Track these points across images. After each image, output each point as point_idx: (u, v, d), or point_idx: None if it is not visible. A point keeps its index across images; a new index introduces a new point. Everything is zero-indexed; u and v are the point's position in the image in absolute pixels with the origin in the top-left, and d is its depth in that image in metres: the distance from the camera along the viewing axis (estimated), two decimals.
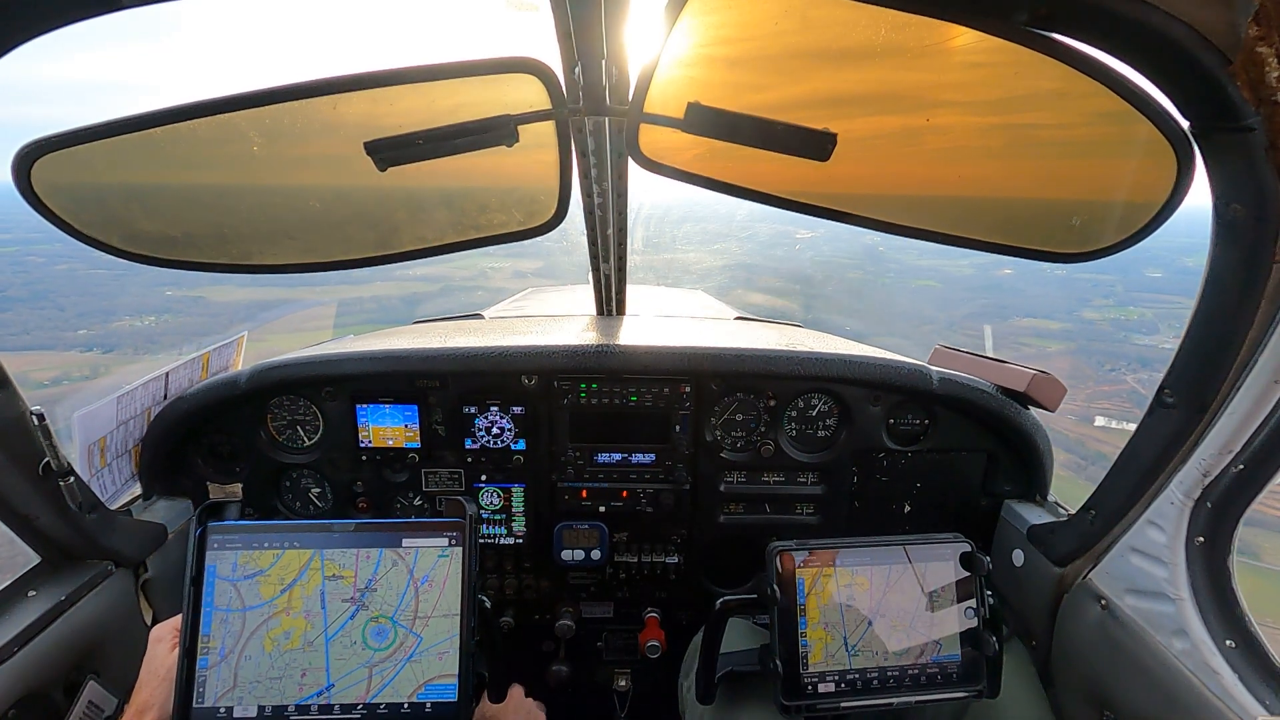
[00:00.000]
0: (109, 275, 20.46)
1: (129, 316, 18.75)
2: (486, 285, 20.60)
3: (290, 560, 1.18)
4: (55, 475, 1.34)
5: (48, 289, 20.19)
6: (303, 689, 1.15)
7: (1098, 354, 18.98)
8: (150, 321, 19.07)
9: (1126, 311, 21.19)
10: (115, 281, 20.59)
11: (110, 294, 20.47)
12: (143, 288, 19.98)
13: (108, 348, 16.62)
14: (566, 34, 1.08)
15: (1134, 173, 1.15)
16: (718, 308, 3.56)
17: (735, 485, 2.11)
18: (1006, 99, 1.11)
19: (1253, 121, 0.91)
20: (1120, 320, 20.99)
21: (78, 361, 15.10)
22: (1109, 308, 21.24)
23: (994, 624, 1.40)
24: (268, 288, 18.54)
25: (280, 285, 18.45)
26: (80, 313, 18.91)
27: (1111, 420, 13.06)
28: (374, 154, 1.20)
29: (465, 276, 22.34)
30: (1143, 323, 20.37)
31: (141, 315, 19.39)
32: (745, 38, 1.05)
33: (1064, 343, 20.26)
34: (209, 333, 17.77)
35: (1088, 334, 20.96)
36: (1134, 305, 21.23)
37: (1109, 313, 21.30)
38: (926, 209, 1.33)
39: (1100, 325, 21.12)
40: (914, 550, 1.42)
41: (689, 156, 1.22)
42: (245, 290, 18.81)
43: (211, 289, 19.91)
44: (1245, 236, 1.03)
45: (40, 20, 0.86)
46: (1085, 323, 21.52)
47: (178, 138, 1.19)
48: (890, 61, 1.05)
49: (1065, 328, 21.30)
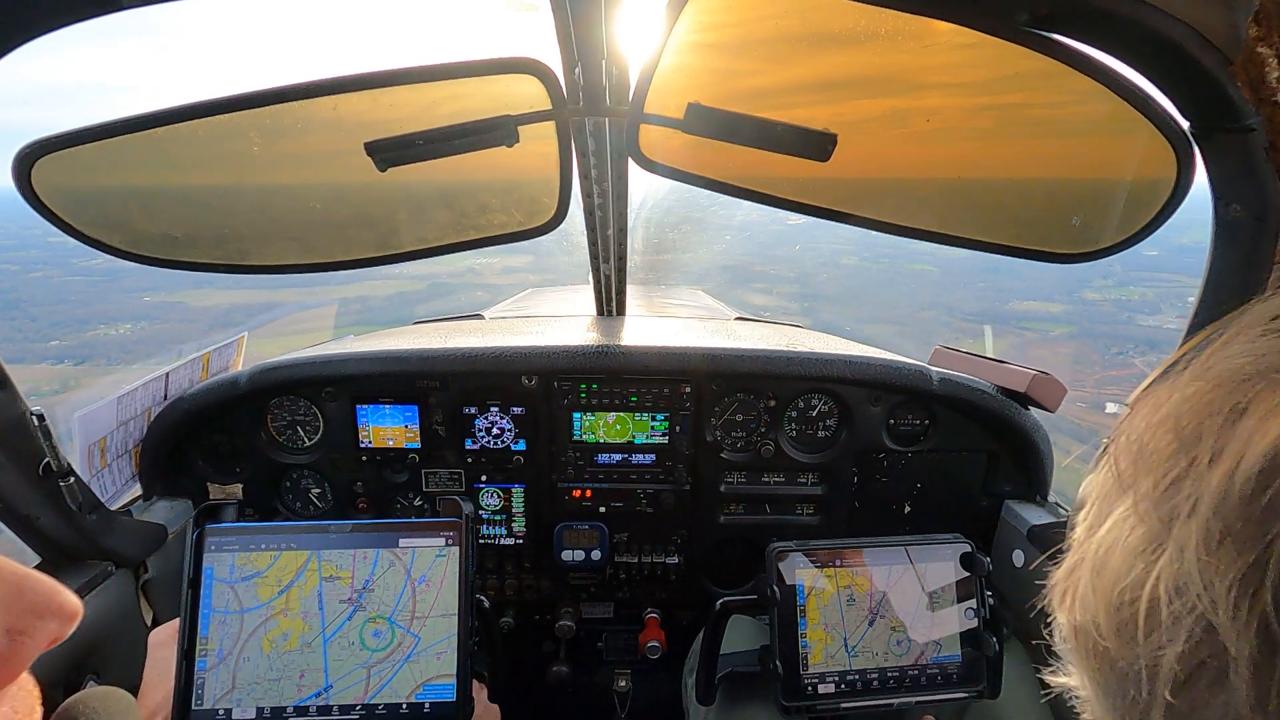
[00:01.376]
0: (86, 282, 20.05)
1: (104, 325, 18.37)
2: (475, 281, 20.36)
3: (287, 562, 1.18)
4: (55, 476, 1.34)
5: (20, 298, 19.73)
6: (301, 690, 1.15)
7: (1103, 337, 18.85)
8: (126, 330, 18.56)
9: (1127, 292, 21.05)
10: (93, 288, 20.15)
11: (86, 301, 20.03)
12: (121, 294, 19.56)
13: (80, 359, 16.32)
14: (566, 34, 1.08)
15: (1134, 173, 1.15)
16: (718, 308, 3.56)
17: (735, 485, 2.11)
18: (1006, 99, 1.11)
19: (1253, 122, 0.91)
20: (1122, 301, 20.85)
21: (47, 375, 14.79)
22: (1109, 288, 21.11)
23: (994, 624, 1.40)
24: (252, 290, 18.25)
25: (264, 288, 18.18)
26: (53, 322, 18.44)
27: (1124, 407, 13.01)
28: (374, 154, 1.20)
29: (453, 273, 22.13)
30: (1144, 302, 20.23)
31: (117, 324, 18.87)
32: (746, 38, 1.05)
33: (1067, 326, 20.13)
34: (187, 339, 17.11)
35: (1090, 316, 20.80)
36: (1134, 285, 21.08)
37: (1110, 293, 21.16)
38: (927, 209, 1.33)
39: (1102, 306, 20.96)
40: (914, 551, 1.42)
41: (689, 156, 1.22)
42: (227, 294, 18.47)
43: (192, 293, 19.50)
44: (1245, 237, 1.03)
45: (40, 21, 0.86)
46: (1087, 304, 21.34)
47: (178, 138, 1.19)
48: (893, 50, 1.04)
49: (1067, 309, 21.14)
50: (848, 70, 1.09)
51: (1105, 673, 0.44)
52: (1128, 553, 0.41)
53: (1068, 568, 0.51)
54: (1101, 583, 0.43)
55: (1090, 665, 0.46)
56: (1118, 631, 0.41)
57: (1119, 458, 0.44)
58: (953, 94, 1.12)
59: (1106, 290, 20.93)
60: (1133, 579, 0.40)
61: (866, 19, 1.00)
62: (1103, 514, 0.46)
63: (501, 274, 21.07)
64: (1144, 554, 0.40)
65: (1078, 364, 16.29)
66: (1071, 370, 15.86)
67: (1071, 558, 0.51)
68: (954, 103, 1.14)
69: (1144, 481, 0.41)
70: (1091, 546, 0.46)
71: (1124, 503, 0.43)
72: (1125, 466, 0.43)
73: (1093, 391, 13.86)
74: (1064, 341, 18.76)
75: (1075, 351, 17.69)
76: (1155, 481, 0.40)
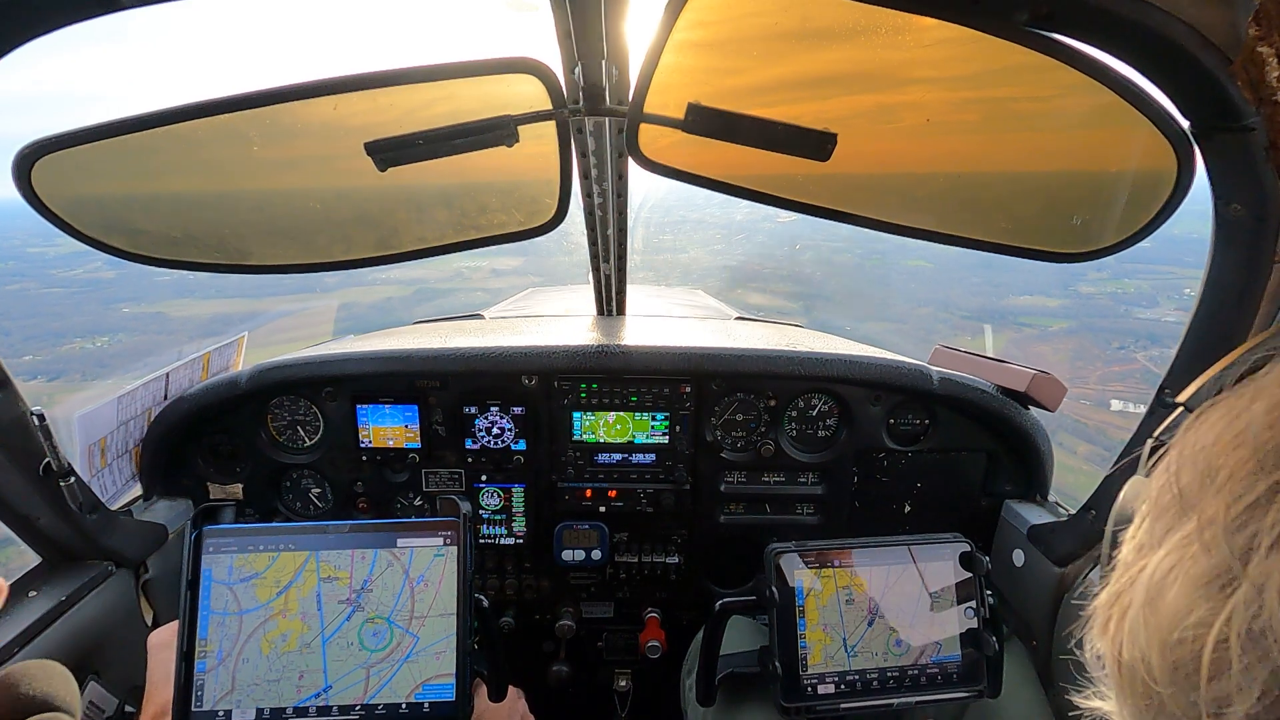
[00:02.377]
0: (64, 294, 19.53)
1: (80, 339, 17.94)
2: (464, 285, 19.98)
3: (286, 562, 1.18)
4: (56, 476, 1.34)
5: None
6: (301, 691, 1.15)
7: (1103, 331, 18.59)
8: (103, 343, 17.75)
9: (1122, 285, 20.91)
10: (70, 300, 19.62)
11: (63, 314, 19.45)
12: (99, 305, 19.03)
13: (54, 374, 15.91)
14: (566, 34, 1.08)
15: (1134, 173, 1.15)
16: (718, 308, 3.56)
17: (736, 485, 2.11)
18: (1006, 98, 1.11)
19: (1253, 121, 0.91)
20: (1118, 294, 20.68)
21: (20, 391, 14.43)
22: (1104, 281, 20.96)
23: (994, 624, 1.40)
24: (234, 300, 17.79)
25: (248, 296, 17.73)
26: (27, 336, 17.81)
27: (1129, 404, 12.60)
28: (374, 154, 1.20)
29: (441, 277, 21.79)
30: (1141, 295, 20.04)
31: (94, 336, 17.97)
32: (745, 36, 1.05)
33: (1066, 320, 19.90)
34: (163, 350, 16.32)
35: (1088, 310, 20.57)
36: (1128, 278, 20.92)
37: (1105, 286, 21.02)
38: (928, 209, 1.33)
39: (1099, 300, 20.77)
40: (913, 550, 1.42)
41: (689, 156, 1.22)
42: (208, 304, 18.02)
43: (172, 304, 18.99)
44: (1245, 236, 1.03)
45: (40, 21, 0.86)
46: (1083, 298, 21.13)
47: (178, 138, 1.19)
48: (893, 46, 1.04)
49: (1064, 304, 20.91)
50: (847, 67, 1.09)
51: (1154, 717, 0.38)
52: (1190, 585, 0.35)
53: (1113, 593, 0.44)
54: (1156, 617, 0.37)
55: (1136, 705, 0.40)
56: (1172, 674, 0.36)
57: (1180, 472, 0.39)
58: (951, 91, 1.12)
59: (1102, 284, 20.80)
60: (1195, 618, 0.34)
61: (866, 16, 1.00)
62: (1157, 535, 0.40)
63: (491, 277, 20.76)
64: (1210, 589, 0.34)
65: (1079, 360, 16.19)
66: (1073, 367, 15.73)
67: (1117, 581, 0.44)
68: (952, 100, 1.14)
69: (1212, 504, 0.35)
70: (1143, 572, 0.40)
71: (1185, 525, 0.37)
72: (1189, 483, 0.38)
73: (1097, 389, 13.75)
74: (1064, 337, 18.62)
75: (1077, 346, 17.56)
76: (1227, 505, 0.34)
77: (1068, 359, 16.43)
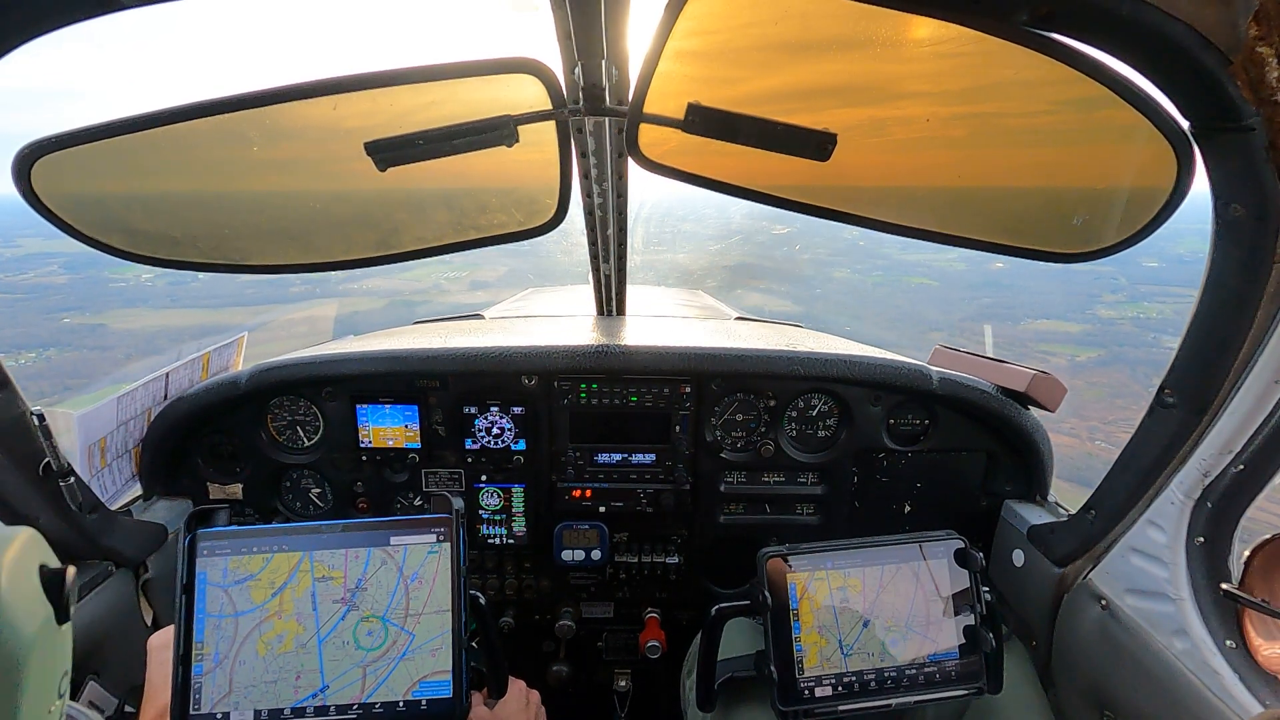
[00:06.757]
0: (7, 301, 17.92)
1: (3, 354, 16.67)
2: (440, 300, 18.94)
3: (280, 563, 1.18)
4: (55, 476, 1.34)
5: None
6: (298, 691, 1.15)
7: (1133, 361, 17.72)
8: (28, 359, 15.43)
9: (1142, 308, 20.27)
10: (6, 309, 18.06)
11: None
12: (39, 315, 17.20)
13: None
14: (566, 34, 1.08)
15: (1134, 173, 1.15)
16: (718, 308, 3.56)
17: (735, 485, 2.11)
18: (1007, 101, 1.11)
19: (1253, 121, 0.91)
20: (1140, 319, 19.99)
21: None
22: (1122, 304, 20.33)
23: (991, 620, 1.39)
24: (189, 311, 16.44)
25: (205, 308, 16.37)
26: None
27: None
28: (374, 154, 1.20)
29: (416, 290, 20.93)
30: (1164, 320, 19.35)
31: (19, 351, 15.16)
32: (746, 38, 1.05)
33: (1093, 349, 19.09)
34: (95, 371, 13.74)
35: (1112, 336, 19.67)
36: (1145, 301, 20.27)
37: (1125, 310, 20.34)
38: (928, 208, 1.33)
39: (1121, 325, 20.06)
40: (907, 550, 1.41)
41: (689, 156, 1.22)
42: (159, 315, 16.74)
43: (115, 314, 17.42)
44: (1245, 236, 1.03)
45: (40, 21, 0.86)
46: (1105, 323, 20.38)
47: (178, 138, 1.19)
48: (891, 54, 1.05)
49: (1086, 330, 20.11)
50: (846, 75, 1.09)
51: None
52: None
53: None
54: None
55: None
56: None
57: None
58: (948, 104, 1.13)
59: (1120, 307, 20.09)
60: None
61: (865, 23, 1.00)
62: None
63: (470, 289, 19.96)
64: None
65: (1115, 395, 15.19)
66: (1112, 407, 14.43)
67: None
68: (950, 113, 1.14)
69: None
70: None
71: None
72: None
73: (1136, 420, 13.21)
74: (1095, 369, 17.75)
75: (1111, 380, 16.77)
76: None
77: (1105, 395, 15.43)
